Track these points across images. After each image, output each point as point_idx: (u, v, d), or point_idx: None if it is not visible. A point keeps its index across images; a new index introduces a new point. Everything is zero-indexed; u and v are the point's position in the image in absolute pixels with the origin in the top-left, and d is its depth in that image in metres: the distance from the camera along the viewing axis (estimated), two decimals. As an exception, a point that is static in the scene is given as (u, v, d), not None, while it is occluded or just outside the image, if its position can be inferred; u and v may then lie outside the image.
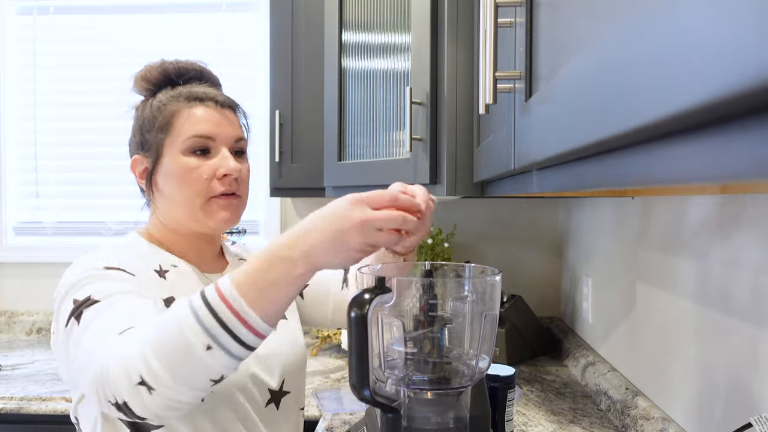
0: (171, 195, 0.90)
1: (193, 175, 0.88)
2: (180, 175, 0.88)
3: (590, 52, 0.34)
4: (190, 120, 0.89)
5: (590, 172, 0.41)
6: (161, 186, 0.91)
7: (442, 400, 0.81)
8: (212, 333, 0.63)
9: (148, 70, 0.96)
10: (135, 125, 0.96)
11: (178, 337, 0.64)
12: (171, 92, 0.93)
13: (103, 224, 2.16)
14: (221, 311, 0.64)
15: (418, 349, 0.81)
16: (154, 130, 0.90)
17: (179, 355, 0.63)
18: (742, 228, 0.84)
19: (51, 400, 1.46)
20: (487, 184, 1.07)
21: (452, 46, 1.14)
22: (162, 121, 0.90)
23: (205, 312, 0.64)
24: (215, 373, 0.65)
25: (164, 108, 0.91)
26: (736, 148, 0.20)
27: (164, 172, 0.90)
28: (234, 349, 0.65)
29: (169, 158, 0.89)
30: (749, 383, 0.82)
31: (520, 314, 1.73)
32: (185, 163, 0.88)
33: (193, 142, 0.88)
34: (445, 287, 0.83)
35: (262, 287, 0.65)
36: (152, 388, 0.63)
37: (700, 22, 0.20)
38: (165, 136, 0.90)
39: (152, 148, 0.91)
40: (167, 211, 0.92)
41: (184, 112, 0.89)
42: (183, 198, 0.88)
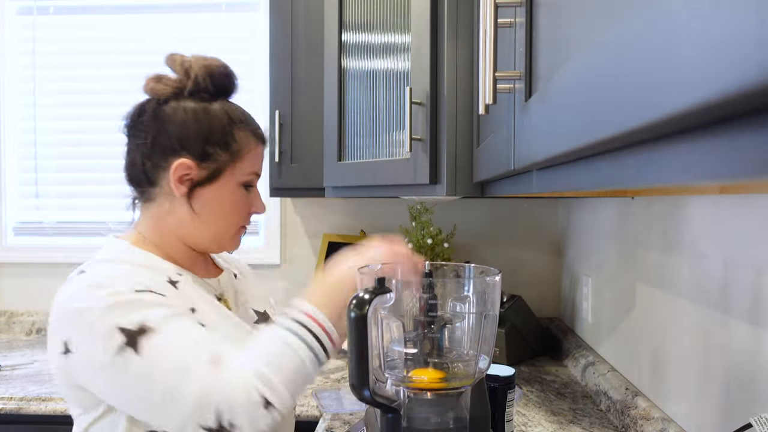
0: (210, 216, 0.90)
1: (241, 208, 0.94)
2: (232, 204, 0.92)
3: (590, 53, 0.34)
4: (255, 158, 0.94)
5: (590, 172, 0.41)
6: (204, 201, 0.89)
7: (442, 401, 0.81)
8: (314, 350, 0.80)
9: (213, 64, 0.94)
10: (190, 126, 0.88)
11: (292, 358, 0.78)
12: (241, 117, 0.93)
13: (103, 224, 2.16)
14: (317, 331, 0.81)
15: (418, 349, 0.81)
16: (223, 150, 0.89)
17: (294, 372, 0.78)
18: (742, 228, 0.84)
19: (51, 401, 1.46)
20: (487, 184, 1.07)
21: (452, 46, 1.14)
22: (234, 148, 0.91)
23: (305, 333, 0.80)
24: (311, 381, 0.82)
25: (241, 138, 0.92)
26: (736, 148, 0.20)
27: (215, 193, 0.90)
28: (324, 360, 0.82)
29: (227, 184, 0.91)
30: (749, 383, 0.82)
31: (520, 314, 1.73)
32: (240, 195, 0.93)
33: (251, 178, 0.94)
34: (445, 287, 0.83)
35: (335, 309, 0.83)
36: (274, 406, 0.77)
37: (700, 22, 0.20)
38: (231, 162, 0.90)
39: (213, 165, 0.89)
40: (190, 225, 0.90)
41: (253, 150, 0.94)
42: (223, 224, 0.92)
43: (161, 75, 0.93)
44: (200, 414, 0.74)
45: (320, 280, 0.88)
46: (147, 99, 0.92)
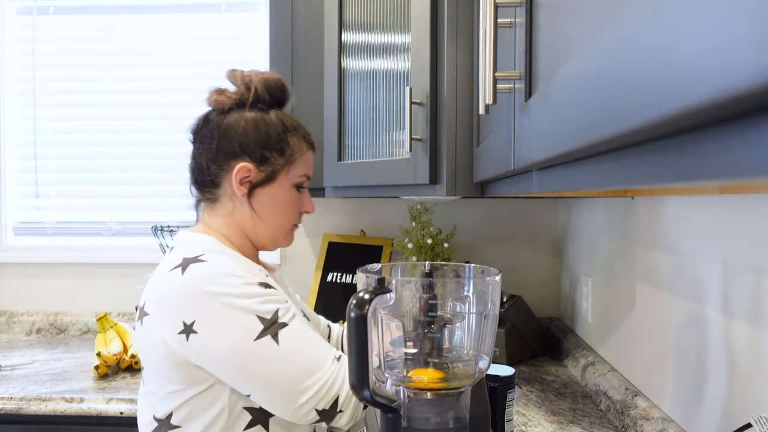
0: (267, 215, 1.01)
1: (294, 208, 1.04)
2: (287, 204, 1.03)
3: (590, 52, 0.34)
4: (307, 163, 1.05)
5: (590, 172, 0.41)
6: (261, 202, 1.01)
7: (441, 401, 0.81)
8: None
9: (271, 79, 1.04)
10: (250, 134, 0.99)
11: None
12: (294, 125, 1.05)
13: (103, 224, 2.16)
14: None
15: (418, 349, 0.81)
16: (279, 154, 1.01)
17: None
18: (742, 228, 0.84)
19: (50, 401, 1.46)
20: (487, 184, 1.07)
21: (452, 46, 1.14)
22: (288, 153, 1.02)
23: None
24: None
25: (295, 143, 1.03)
26: (736, 148, 0.20)
27: (272, 194, 1.01)
28: None
29: (282, 185, 1.02)
30: (749, 383, 0.82)
31: (520, 314, 1.73)
32: (293, 196, 1.03)
33: (302, 180, 1.04)
34: (445, 287, 0.83)
35: None
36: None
37: (700, 23, 0.20)
38: (285, 165, 1.01)
39: (269, 168, 1.00)
40: (252, 223, 1.02)
41: (306, 154, 1.05)
42: (279, 222, 1.03)
43: (222, 88, 1.03)
44: (322, 397, 0.88)
45: None
46: (210, 110, 1.04)
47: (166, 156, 2.14)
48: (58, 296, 2.15)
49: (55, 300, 2.15)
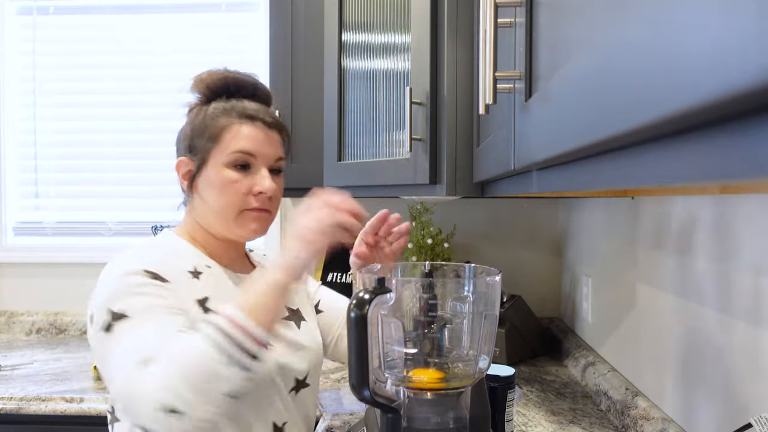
0: (208, 201, 0.96)
1: (232, 188, 0.95)
2: (220, 186, 0.95)
3: (590, 52, 0.34)
4: (238, 136, 0.95)
5: (590, 172, 0.41)
6: (201, 190, 0.97)
7: (442, 401, 0.81)
8: (232, 355, 0.75)
9: (210, 75, 1.00)
10: (186, 128, 0.99)
11: (203, 364, 0.75)
12: (225, 104, 0.97)
13: (103, 224, 2.16)
14: (235, 335, 0.76)
15: (418, 349, 0.81)
16: (204, 138, 0.96)
17: (206, 379, 0.74)
18: (742, 228, 0.84)
19: (50, 401, 1.46)
20: (487, 184, 1.07)
21: (452, 46, 1.14)
22: (212, 131, 0.95)
23: (222, 338, 0.76)
24: (235, 390, 0.77)
25: (216, 119, 0.96)
26: (736, 148, 0.20)
27: (206, 178, 0.96)
28: (248, 364, 0.77)
29: (213, 167, 0.95)
30: (749, 383, 0.82)
31: (520, 314, 1.73)
32: (226, 176, 0.94)
33: (236, 156, 0.95)
34: (445, 287, 0.83)
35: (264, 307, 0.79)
36: (183, 413, 0.74)
37: (700, 23, 0.20)
38: (212, 146, 0.95)
39: (199, 153, 0.96)
40: (203, 213, 0.98)
41: (234, 128, 0.95)
42: (219, 206, 0.95)
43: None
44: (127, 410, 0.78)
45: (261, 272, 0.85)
46: None
47: (166, 156, 2.13)
48: (58, 296, 2.14)
49: (55, 300, 2.15)
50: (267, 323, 0.79)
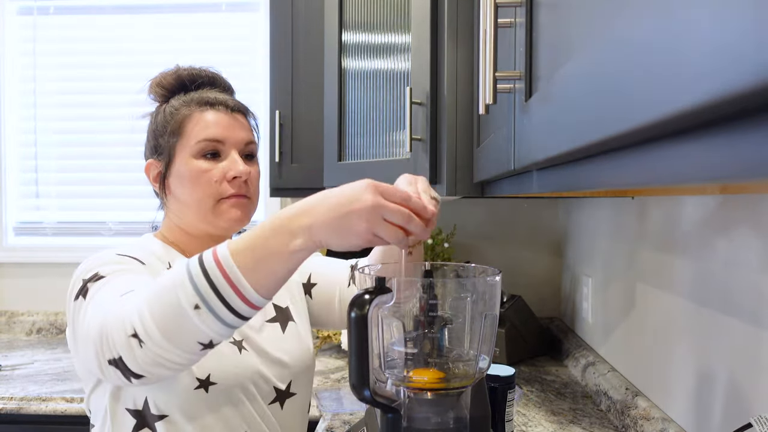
0: (183, 197, 0.92)
1: (204, 178, 0.90)
2: (191, 178, 0.90)
3: (590, 52, 0.34)
4: (200, 124, 0.91)
5: (590, 172, 0.41)
6: (173, 189, 0.93)
7: (442, 401, 0.81)
8: (202, 293, 0.64)
9: (163, 77, 0.98)
10: (149, 130, 0.97)
11: (170, 294, 0.65)
12: (183, 97, 0.95)
13: (103, 224, 2.16)
14: (214, 274, 0.65)
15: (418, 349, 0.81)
16: (167, 134, 0.93)
17: (169, 312, 0.65)
18: (742, 228, 0.84)
19: (51, 401, 1.46)
20: (487, 184, 1.07)
21: (452, 46, 1.14)
22: (174, 125, 0.92)
23: (197, 272, 0.65)
24: (203, 336, 0.66)
25: (176, 113, 0.93)
26: (736, 148, 0.20)
27: (176, 175, 0.92)
28: (224, 315, 0.65)
29: (181, 162, 0.91)
30: (749, 383, 0.82)
31: (520, 314, 1.73)
32: (196, 166, 0.90)
33: (203, 145, 0.91)
34: (445, 287, 0.83)
35: (258, 257, 0.65)
36: (142, 341, 0.65)
37: (699, 23, 0.20)
38: (177, 140, 0.92)
39: (165, 152, 0.93)
40: (180, 213, 0.94)
41: (195, 117, 0.92)
42: (194, 200, 0.91)
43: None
44: (100, 346, 0.69)
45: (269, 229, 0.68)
46: None
47: (166, 156, 2.14)
48: (58, 296, 2.14)
49: (55, 300, 2.15)
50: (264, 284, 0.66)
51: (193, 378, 0.85)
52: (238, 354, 0.90)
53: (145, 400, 0.84)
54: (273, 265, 0.65)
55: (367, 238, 0.67)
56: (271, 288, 0.67)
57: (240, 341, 0.91)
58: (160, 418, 0.84)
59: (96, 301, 0.75)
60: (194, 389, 0.85)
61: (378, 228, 0.66)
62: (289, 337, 0.98)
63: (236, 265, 0.65)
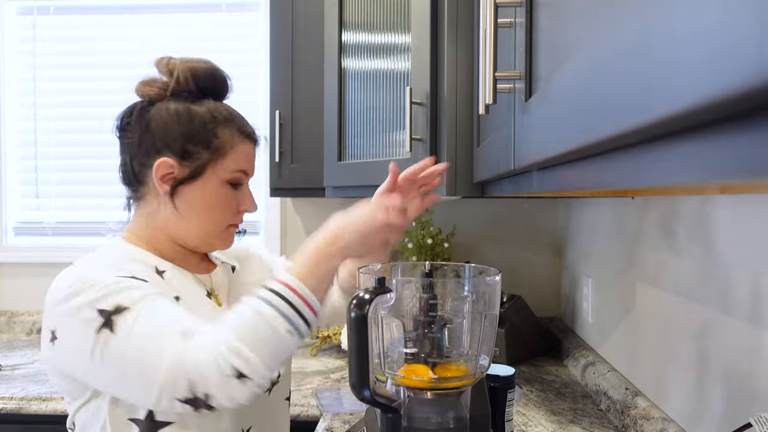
0: (194, 214, 0.91)
1: (227, 206, 0.93)
2: (216, 202, 0.92)
3: (590, 52, 0.34)
4: (241, 156, 0.93)
5: (590, 172, 0.41)
6: (187, 199, 0.90)
7: (442, 400, 0.81)
8: (291, 320, 0.78)
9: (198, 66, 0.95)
10: (171, 126, 0.90)
11: (265, 328, 0.76)
12: (225, 114, 0.93)
13: (103, 224, 2.16)
14: (296, 303, 0.79)
15: (418, 349, 0.81)
16: (204, 148, 0.90)
17: (270, 344, 0.76)
18: (742, 228, 0.84)
19: (51, 400, 1.46)
20: (487, 184, 1.07)
21: (452, 46, 1.14)
22: (217, 144, 0.91)
23: (282, 305, 0.78)
24: (291, 352, 0.80)
25: (223, 134, 0.91)
26: (737, 148, 0.20)
27: (198, 191, 0.90)
28: (303, 329, 0.79)
29: (210, 182, 0.91)
30: (749, 383, 0.82)
31: (520, 314, 1.73)
32: (225, 193, 0.92)
33: (237, 176, 0.93)
34: (445, 287, 0.83)
35: (317, 279, 0.81)
36: (248, 377, 0.75)
37: (700, 23, 0.20)
38: (213, 159, 0.90)
39: (194, 163, 0.90)
40: (178, 221, 0.91)
41: (239, 147, 0.93)
42: (209, 221, 0.92)
43: (152, 78, 0.96)
44: (173, 386, 0.75)
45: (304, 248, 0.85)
46: (137, 101, 0.95)
47: (166, 156, 2.14)
48: (58, 296, 2.14)
49: (55, 300, 2.15)
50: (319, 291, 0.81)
51: None
52: None
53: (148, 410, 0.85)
54: (325, 283, 0.83)
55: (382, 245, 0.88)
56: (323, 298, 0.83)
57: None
58: (165, 424, 0.85)
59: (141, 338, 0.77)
60: None
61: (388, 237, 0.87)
62: None
63: (308, 290, 0.80)
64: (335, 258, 0.82)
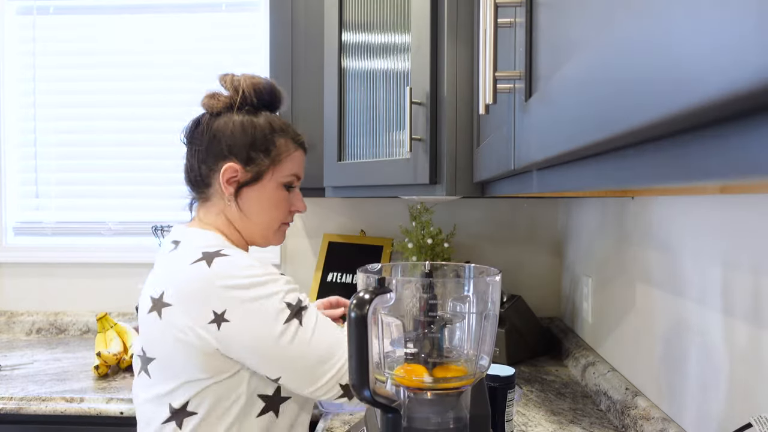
0: (255, 213, 1.06)
1: (282, 206, 1.09)
2: (275, 203, 1.07)
3: (590, 52, 0.34)
4: (294, 162, 1.09)
5: (590, 172, 0.41)
6: (248, 199, 1.05)
7: (442, 400, 0.81)
8: None
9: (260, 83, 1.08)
10: (236, 135, 1.04)
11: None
12: (281, 125, 1.08)
13: (103, 224, 2.16)
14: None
15: (418, 349, 0.81)
16: (265, 155, 1.05)
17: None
18: (742, 228, 0.84)
19: (51, 400, 1.46)
20: (487, 184, 1.07)
21: (452, 46, 1.14)
22: (275, 153, 1.06)
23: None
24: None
25: (280, 143, 1.07)
26: (737, 148, 0.20)
27: (258, 192, 1.06)
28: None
29: (269, 185, 1.06)
30: (749, 383, 0.82)
31: (520, 314, 1.73)
32: (281, 195, 1.08)
33: (291, 180, 1.09)
34: (445, 287, 0.83)
35: None
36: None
37: (700, 23, 0.20)
38: (272, 165, 1.06)
39: (256, 168, 1.05)
40: (241, 219, 1.06)
41: (293, 154, 1.09)
42: (267, 219, 1.07)
43: (215, 92, 1.08)
44: (342, 374, 0.94)
45: None
46: (202, 113, 1.09)
47: (165, 156, 2.14)
48: (58, 296, 2.15)
49: (55, 300, 2.15)
50: None
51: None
52: None
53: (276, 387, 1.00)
54: None
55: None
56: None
57: None
58: (283, 399, 1.00)
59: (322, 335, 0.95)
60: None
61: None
62: None
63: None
64: None
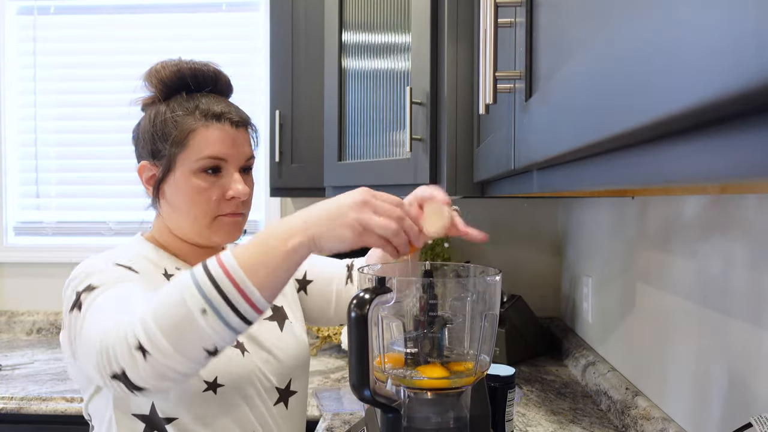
0: (178, 209, 0.90)
1: (203, 196, 0.89)
2: (190, 194, 0.88)
3: (590, 52, 0.34)
4: (206, 140, 0.88)
5: (590, 172, 0.41)
6: (169, 197, 0.91)
7: (442, 400, 0.81)
8: (209, 298, 0.65)
9: (163, 67, 0.93)
10: (146, 130, 0.92)
11: (176, 302, 0.65)
12: (186, 104, 0.90)
13: (103, 224, 2.16)
14: (219, 279, 0.65)
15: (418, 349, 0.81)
16: (168, 143, 0.89)
17: (176, 319, 0.65)
18: (742, 228, 0.84)
19: (51, 400, 1.46)
20: (487, 184, 1.07)
21: (452, 46, 1.14)
22: (177, 136, 0.88)
23: (203, 278, 0.66)
24: (209, 342, 0.66)
25: (180, 123, 0.89)
26: (736, 148, 0.20)
27: (174, 185, 0.89)
28: (230, 319, 0.65)
29: (181, 174, 0.89)
30: (749, 383, 0.82)
31: (520, 314, 1.73)
32: (196, 184, 0.88)
33: (206, 162, 0.88)
34: (445, 287, 0.83)
35: (260, 259, 0.67)
36: (148, 352, 0.65)
37: (700, 23, 0.20)
38: (179, 151, 0.88)
39: (164, 159, 0.89)
40: (173, 220, 0.92)
41: (200, 132, 0.88)
42: (191, 215, 0.89)
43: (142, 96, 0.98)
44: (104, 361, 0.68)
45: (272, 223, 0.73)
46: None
47: (166, 156, 2.13)
48: (59, 296, 2.14)
49: (55, 300, 2.15)
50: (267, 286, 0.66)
51: (201, 381, 0.85)
52: (241, 356, 0.90)
53: (151, 405, 0.84)
54: (274, 266, 0.67)
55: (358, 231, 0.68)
56: (273, 289, 0.68)
57: (241, 343, 0.92)
58: (168, 421, 0.84)
59: (92, 314, 0.74)
60: (203, 392, 0.85)
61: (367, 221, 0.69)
62: (286, 335, 0.99)
63: (240, 268, 0.66)
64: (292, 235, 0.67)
